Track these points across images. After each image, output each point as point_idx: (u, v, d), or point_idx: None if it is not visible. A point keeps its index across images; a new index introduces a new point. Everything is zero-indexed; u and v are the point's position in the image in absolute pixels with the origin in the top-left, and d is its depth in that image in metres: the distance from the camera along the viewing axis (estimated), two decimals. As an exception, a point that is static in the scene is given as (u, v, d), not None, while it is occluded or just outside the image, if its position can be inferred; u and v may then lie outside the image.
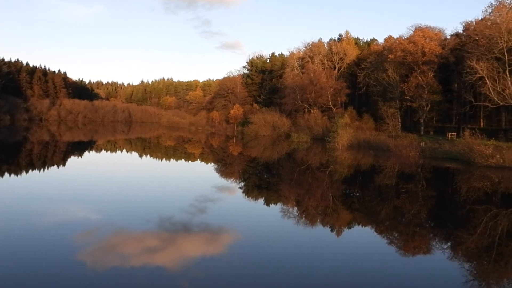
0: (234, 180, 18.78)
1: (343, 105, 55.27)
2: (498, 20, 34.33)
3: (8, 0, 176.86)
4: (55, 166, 21.11)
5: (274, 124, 54.41)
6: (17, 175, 17.41)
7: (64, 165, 21.74)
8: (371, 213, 12.58)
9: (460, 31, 44.69)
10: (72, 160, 24.66)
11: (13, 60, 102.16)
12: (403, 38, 45.62)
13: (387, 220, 11.71)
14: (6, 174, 17.37)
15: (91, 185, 15.29)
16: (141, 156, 29.13)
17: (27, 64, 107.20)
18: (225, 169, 23.16)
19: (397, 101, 42.84)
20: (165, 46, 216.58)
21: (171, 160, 27.41)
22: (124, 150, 33.85)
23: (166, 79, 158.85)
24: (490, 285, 7.38)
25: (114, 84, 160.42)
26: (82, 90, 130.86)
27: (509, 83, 33.38)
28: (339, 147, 34.64)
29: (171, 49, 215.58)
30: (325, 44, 62.26)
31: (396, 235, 10.28)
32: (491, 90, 33.59)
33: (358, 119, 47.13)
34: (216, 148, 38.86)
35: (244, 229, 9.93)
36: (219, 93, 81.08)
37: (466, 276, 7.56)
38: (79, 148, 34.49)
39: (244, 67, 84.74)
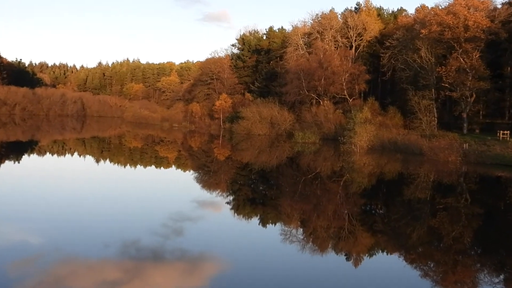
0: (220, 193, 18.73)
1: (362, 95, 55.60)
2: None
3: None
4: (-17, 174, 20.93)
5: (273, 120, 54.60)
6: None
7: (-5, 173, 21.57)
8: (398, 236, 12.61)
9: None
10: (6, 166, 24.41)
11: None
12: (440, 7, 45.87)
13: (420, 246, 11.72)
14: None
15: (31, 200, 15.13)
16: (97, 161, 28.95)
17: None
18: (208, 179, 23.11)
19: (432, 89, 43.06)
20: (130, 18, 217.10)
21: (138, 167, 27.28)
22: (75, 154, 33.62)
23: (131, 61, 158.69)
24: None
25: (62, 67, 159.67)
26: (20, 74, 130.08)
27: None
28: (356, 150, 34.80)
29: (138, 21, 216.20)
30: (339, 16, 62.53)
31: (432, 265, 10.27)
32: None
33: (381, 113, 47.43)
34: (197, 151, 38.81)
35: (233, 257, 9.86)
36: (200, 79, 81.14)
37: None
38: (15, 150, 34.15)
39: (233, 45, 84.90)
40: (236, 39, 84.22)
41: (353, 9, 65.24)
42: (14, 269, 8.60)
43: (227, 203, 16.64)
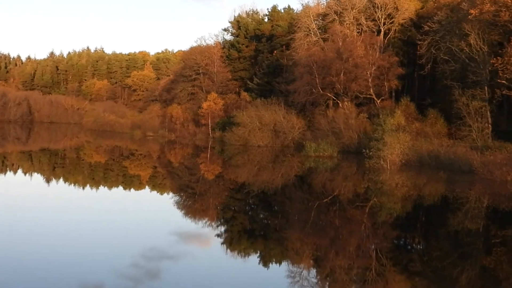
0: (208, 222, 18.69)
1: (393, 94, 55.81)
2: None
3: None
4: None
5: (277, 127, 54.89)
6: None
7: None
8: (442, 279, 12.55)
9: None
10: None
11: None
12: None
13: (470, 291, 11.69)
14: None
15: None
16: (48, 181, 28.90)
17: None
18: (192, 204, 23.08)
19: (485, 87, 43.07)
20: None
21: (100, 188, 27.25)
22: (19, 172, 33.59)
23: (92, 51, 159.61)
24: None
25: (3, 58, 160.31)
26: None
27: None
28: (386, 166, 34.81)
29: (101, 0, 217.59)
30: (363, -8, 63.07)
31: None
32: None
33: (418, 117, 47.57)
34: (178, 168, 38.84)
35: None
36: (182, 73, 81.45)
37: None
38: None
39: (225, 30, 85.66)
40: (230, 21, 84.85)
41: (381, -17, 65.86)
42: None
43: (217, 235, 16.58)
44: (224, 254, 14.31)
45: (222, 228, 18.00)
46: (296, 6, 67.82)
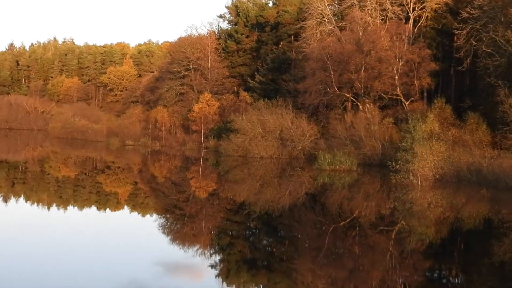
0: (200, 250, 18.63)
1: (425, 95, 55.82)
2: None
3: None
4: None
5: (284, 135, 55.04)
6: None
7: None
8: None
9: None
10: None
11: None
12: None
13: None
14: None
15: None
16: (5, 200, 28.87)
17: None
18: (180, 228, 23.03)
19: (537, 87, 43.22)
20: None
21: (69, 209, 27.20)
22: (-30, 188, 33.50)
23: (60, 42, 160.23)
24: None
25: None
26: None
27: None
28: (417, 182, 34.73)
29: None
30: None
31: None
32: None
33: (456, 123, 47.51)
34: (164, 184, 38.81)
35: None
36: (169, 69, 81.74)
37: None
38: None
39: (221, 16, 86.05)
40: (226, 7, 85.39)
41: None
42: None
43: (211, 266, 16.53)
44: (220, 289, 14.28)
45: (217, 257, 17.95)
46: (307, -12, 67.39)
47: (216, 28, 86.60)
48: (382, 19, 59.42)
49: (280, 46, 72.74)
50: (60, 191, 33.29)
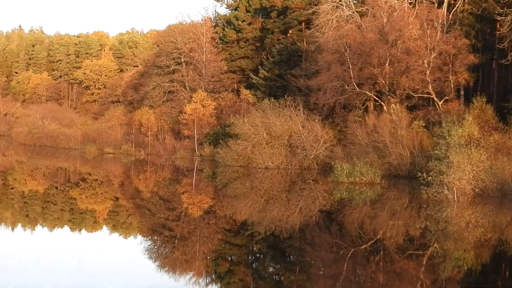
0: (194, 279, 18.65)
1: (462, 93, 55.59)
2: None
3: None
4: None
5: (293, 141, 55.04)
6: None
7: None
8: None
9: None
10: None
11: None
12: None
13: None
14: None
15: None
16: (-39, 218, 28.81)
17: None
18: (170, 252, 22.99)
19: None
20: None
21: (37, 229, 27.17)
22: None
23: (27, 31, 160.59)
24: None
25: None
26: None
27: None
28: (453, 197, 34.61)
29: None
30: None
31: None
32: None
33: (499, 127, 47.37)
34: (150, 200, 38.76)
35: None
36: (157, 63, 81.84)
37: None
38: None
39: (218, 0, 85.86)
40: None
41: None
42: None
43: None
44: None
45: (214, 287, 17.86)
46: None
47: (213, 14, 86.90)
48: (410, 3, 59.12)
49: (288, 35, 72.77)
50: (27, 209, 33.22)
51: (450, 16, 57.45)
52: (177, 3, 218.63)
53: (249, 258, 22.86)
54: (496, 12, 52.45)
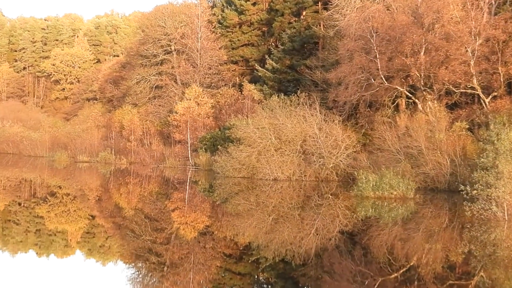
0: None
1: (513, 88, 55.57)
2: None
3: None
4: None
5: (308, 146, 55.34)
6: None
7: None
8: None
9: None
10: None
11: None
12: None
13: None
14: None
15: None
16: None
17: None
18: (158, 282, 23.10)
19: None
20: None
21: (-4, 253, 27.16)
22: None
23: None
24: None
25: None
26: None
27: None
28: (503, 214, 34.58)
29: None
30: None
31: None
32: None
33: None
34: (133, 219, 38.82)
35: None
36: (141, 52, 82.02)
37: None
38: None
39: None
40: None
41: None
42: None
43: None
44: None
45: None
46: None
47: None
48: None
49: (302, 17, 72.93)
50: (-17, 229, 33.30)
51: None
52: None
53: (254, 289, 22.92)
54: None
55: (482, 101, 52.55)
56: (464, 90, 52.96)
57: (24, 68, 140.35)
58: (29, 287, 21.44)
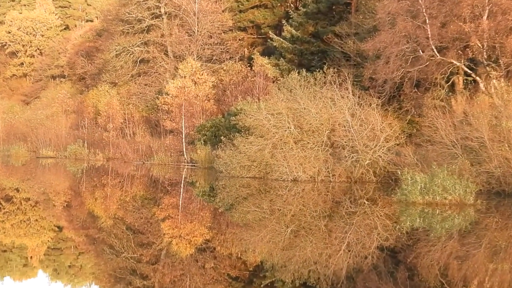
0: None
1: None
2: None
3: None
4: None
5: (337, 138, 55.29)
6: None
7: None
8: None
9: None
10: None
11: None
12: None
13: None
14: None
15: None
16: None
17: None
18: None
19: None
20: None
21: None
22: None
23: None
24: None
25: None
26: None
27: None
28: None
29: None
30: None
31: None
32: None
33: None
34: (112, 229, 38.98)
35: None
36: (122, 16, 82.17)
37: None
38: None
39: None
40: None
41: None
42: None
43: None
44: None
45: None
46: None
47: None
48: None
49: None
50: None
51: None
52: None
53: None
54: None
55: None
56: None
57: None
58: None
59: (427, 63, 54.30)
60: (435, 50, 53.70)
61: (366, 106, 54.14)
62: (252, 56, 73.93)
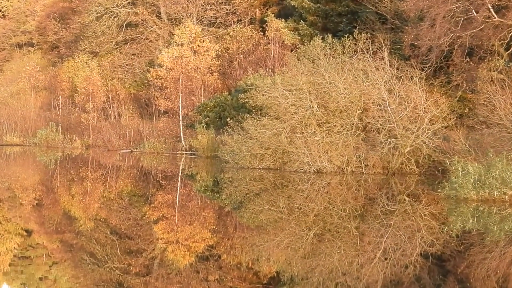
0: None
1: None
2: None
3: None
4: None
5: (371, 119, 55.24)
6: None
7: None
8: None
9: None
10: None
11: None
12: None
13: None
14: None
15: None
16: None
17: None
18: None
19: None
20: None
21: None
22: None
23: None
24: None
25: None
26: None
27: None
28: None
29: None
30: None
31: None
32: None
33: None
34: (92, 233, 39.07)
35: None
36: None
37: None
38: None
39: None
40: None
41: None
42: None
43: None
44: None
45: None
46: None
47: None
48: None
49: None
50: None
51: None
52: None
53: None
54: None
55: None
56: None
57: None
58: None
59: (482, 26, 54.29)
60: (491, 10, 53.71)
61: (406, 80, 54.05)
62: (266, 18, 73.99)
